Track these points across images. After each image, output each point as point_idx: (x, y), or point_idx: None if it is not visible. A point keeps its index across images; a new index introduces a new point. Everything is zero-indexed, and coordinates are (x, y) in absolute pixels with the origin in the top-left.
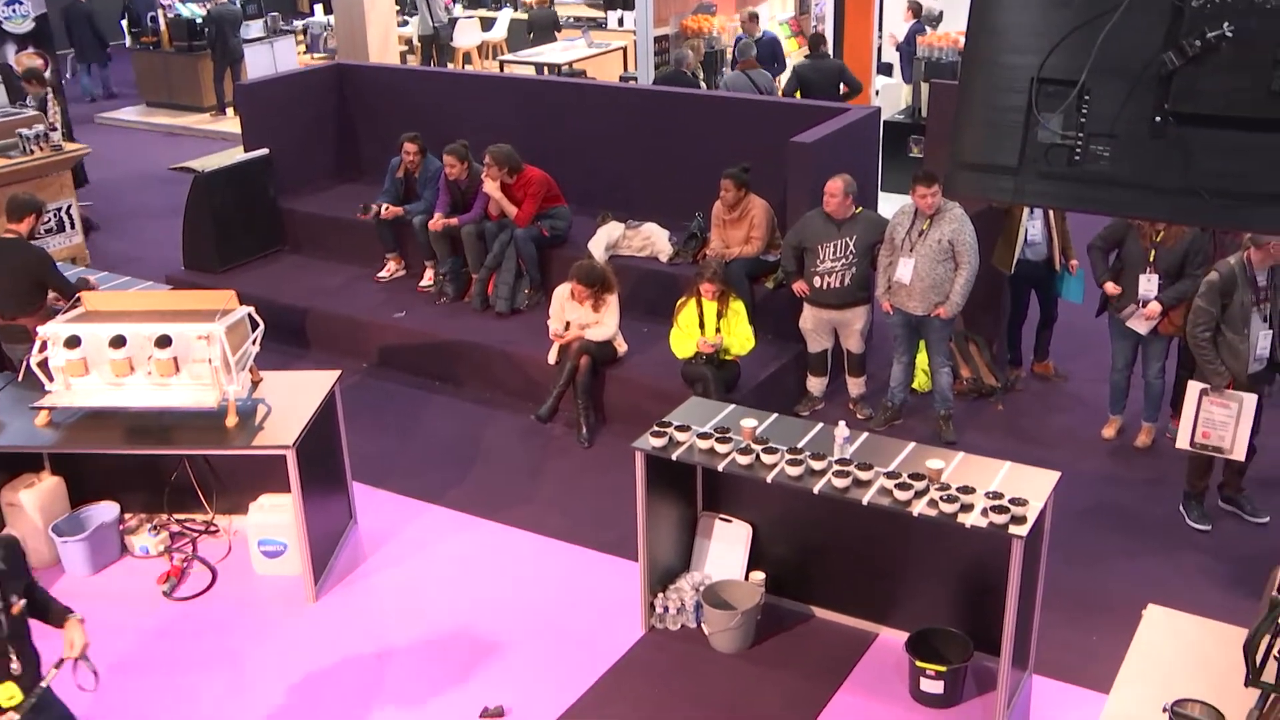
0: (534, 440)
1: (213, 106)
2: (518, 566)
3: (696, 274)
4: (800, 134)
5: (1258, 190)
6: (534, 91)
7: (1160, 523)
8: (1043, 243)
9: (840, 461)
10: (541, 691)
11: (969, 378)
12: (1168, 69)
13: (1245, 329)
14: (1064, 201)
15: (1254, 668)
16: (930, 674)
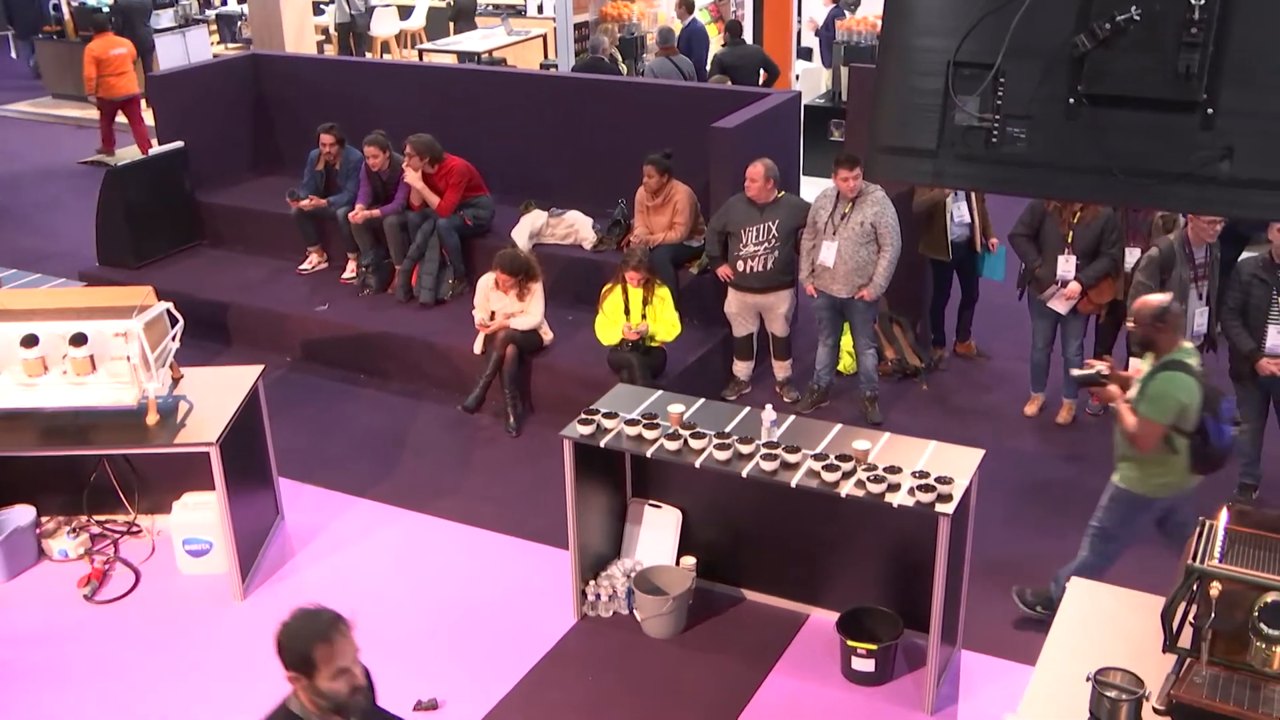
0: (461, 431)
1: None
2: (448, 558)
3: (621, 261)
4: (721, 119)
5: (1167, 169)
6: (454, 80)
7: (1084, 496)
8: (967, 225)
9: (768, 444)
10: (475, 682)
11: (893, 359)
12: (1079, 51)
13: (1183, 304)
14: (982, 183)
15: (1170, 634)
16: (861, 653)
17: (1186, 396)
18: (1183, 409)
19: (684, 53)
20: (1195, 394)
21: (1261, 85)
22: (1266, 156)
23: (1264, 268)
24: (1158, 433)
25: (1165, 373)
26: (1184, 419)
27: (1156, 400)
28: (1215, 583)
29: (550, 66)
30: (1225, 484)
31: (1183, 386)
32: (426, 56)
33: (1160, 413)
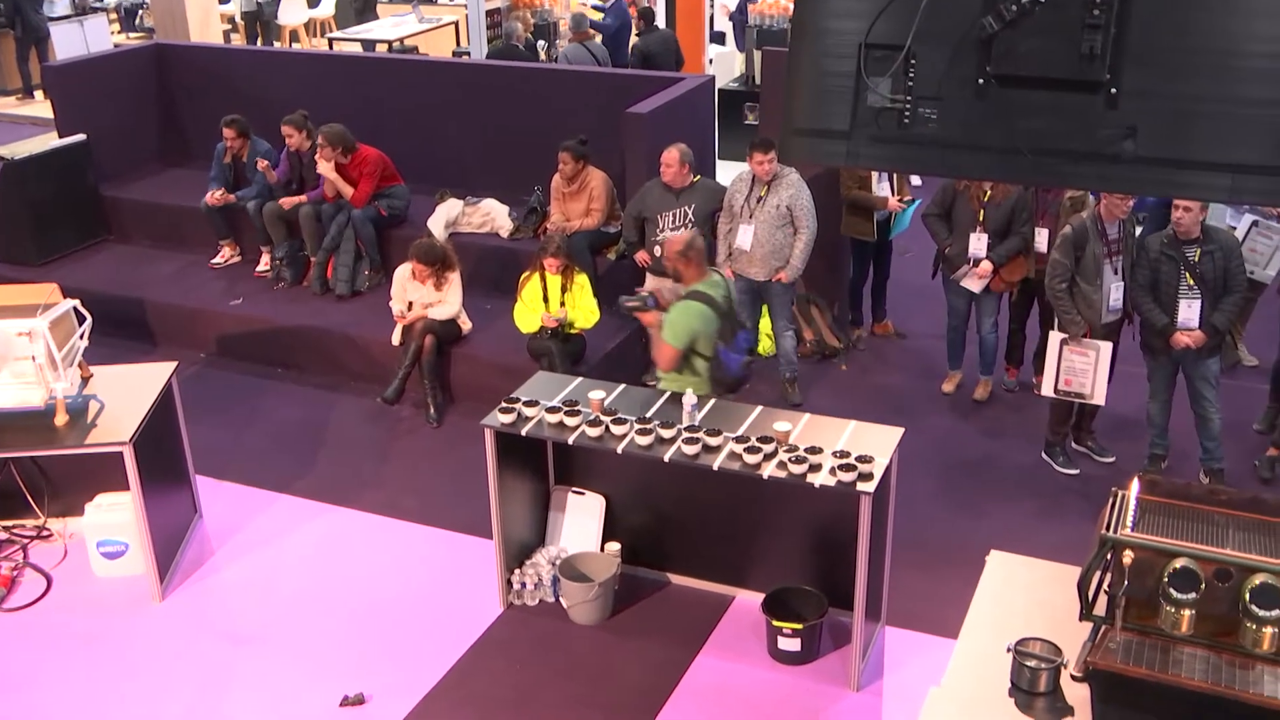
0: (381, 423)
1: (18, 89)
2: (371, 551)
3: (539, 248)
4: (636, 104)
5: (1073, 149)
6: (365, 69)
7: (1002, 470)
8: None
9: (689, 429)
10: (402, 676)
11: (812, 340)
12: (987, 33)
13: (1098, 280)
14: (895, 164)
15: (1086, 603)
16: (787, 633)
17: (700, 324)
18: (695, 334)
19: (609, 37)
20: (709, 322)
21: (1162, 66)
22: (1168, 135)
23: (1170, 244)
24: (672, 354)
25: (684, 302)
26: (700, 344)
27: (672, 326)
28: (1128, 551)
29: (463, 54)
30: (1136, 456)
31: (697, 315)
32: (336, 45)
33: (674, 337)
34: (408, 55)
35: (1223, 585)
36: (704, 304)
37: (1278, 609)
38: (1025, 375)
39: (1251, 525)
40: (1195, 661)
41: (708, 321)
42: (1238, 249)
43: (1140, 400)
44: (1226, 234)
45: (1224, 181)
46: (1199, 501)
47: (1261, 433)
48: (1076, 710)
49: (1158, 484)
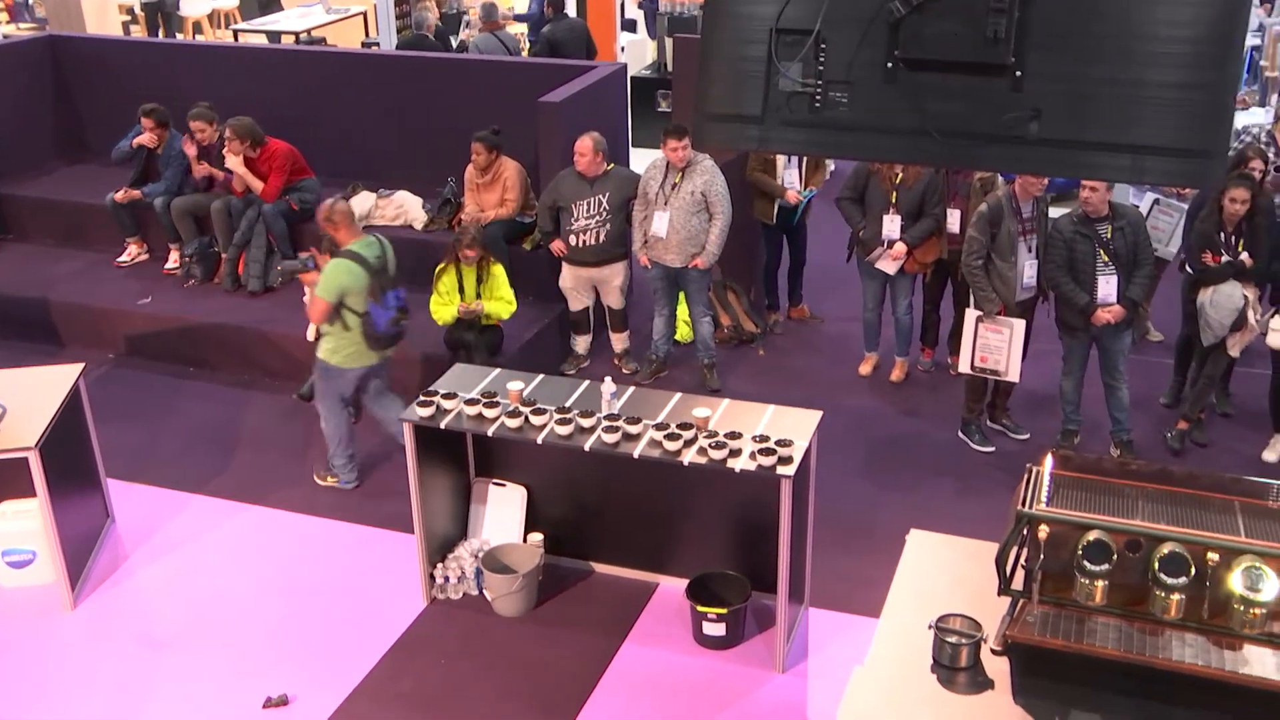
0: (298, 420)
1: None
2: (291, 550)
3: (454, 240)
4: (548, 93)
5: (981, 131)
6: (271, 61)
7: (920, 450)
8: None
9: (609, 417)
10: (325, 675)
11: (729, 325)
12: (895, 17)
13: (1013, 257)
14: (807, 147)
15: (1004, 577)
16: (711, 617)
17: (349, 279)
18: (344, 289)
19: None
20: (358, 279)
21: (1065, 49)
22: (1072, 117)
23: (1081, 223)
24: (323, 308)
25: (335, 259)
26: (351, 299)
27: (323, 280)
28: (1043, 526)
29: (372, 45)
30: (1050, 432)
31: (345, 271)
32: (241, 37)
33: (325, 291)
34: (315, 47)
35: (1133, 556)
36: (354, 261)
37: (1184, 577)
38: (940, 355)
39: (1160, 496)
40: (1109, 631)
41: (356, 278)
42: (1144, 224)
43: (1052, 377)
44: (1133, 210)
45: (1125, 162)
46: (1110, 475)
47: (1168, 406)
48: (997, 683)
49: (1071, 459)
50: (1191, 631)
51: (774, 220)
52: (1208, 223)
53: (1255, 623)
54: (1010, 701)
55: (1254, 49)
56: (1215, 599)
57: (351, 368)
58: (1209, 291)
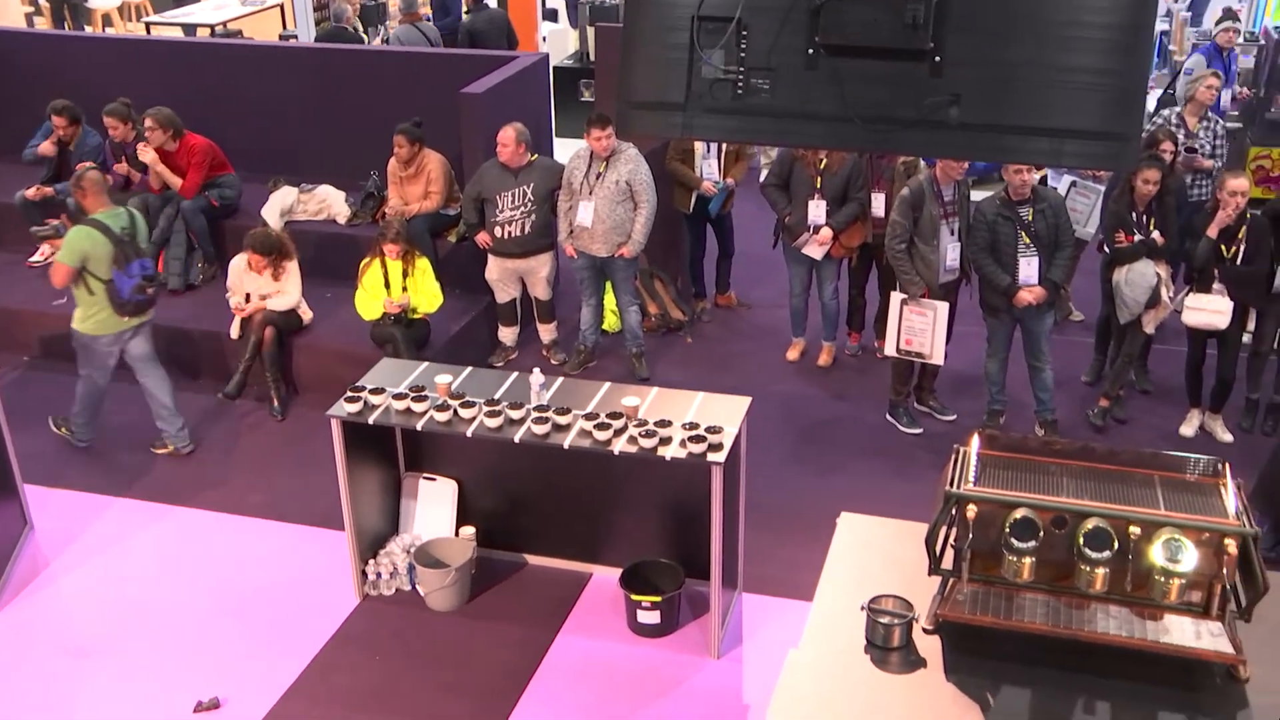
0: (224, 419)
1: None
2: (219, 551)
3: (378, 234)
4: (470, 85)
5: (902, 116)
6: (186, 54)
7: (849, 433)
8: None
9: (538, 408)
10: (257, 676)
11: (657, 314)
12: (815, 3)
13: (935, 240)
14: (730, 134)
15: (934, 557)
16: (646, 605)
17: (89, 245)
18: (85, 255)
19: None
20: (100, 245)
21: (983, 34)
22: (991, 101)
23: (1004, 205)
24: (63, 271)
25: (77, 226)
26: (93, 265)
27: (66, 245)
28: (971, 505)
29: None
30: (975, 412)
31: (86, 237)
32: (154, 30)
33: (65, 256)
34: (232, 40)
35: (1059, 532)
36: (96, 229)
37: (1108, 551)
38: (867, 339)
39: (1083, 473)
40: (1037, 606)
41: (98, 244)
42: (1065, 206)
43: (976, 358)
44: (1053, 193)
45: (1044, 146)
46: (1035, 453)
47: (1089, 384)
48: (929, 661)
49: (996, 439)
50: (1115, 604)
51: (691, 210)
52: (1120, 203)
53: (1175, 593)
54: (943, 679)
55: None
56: (1137, 571)
57: (101, 334)
58: (1123, 270)
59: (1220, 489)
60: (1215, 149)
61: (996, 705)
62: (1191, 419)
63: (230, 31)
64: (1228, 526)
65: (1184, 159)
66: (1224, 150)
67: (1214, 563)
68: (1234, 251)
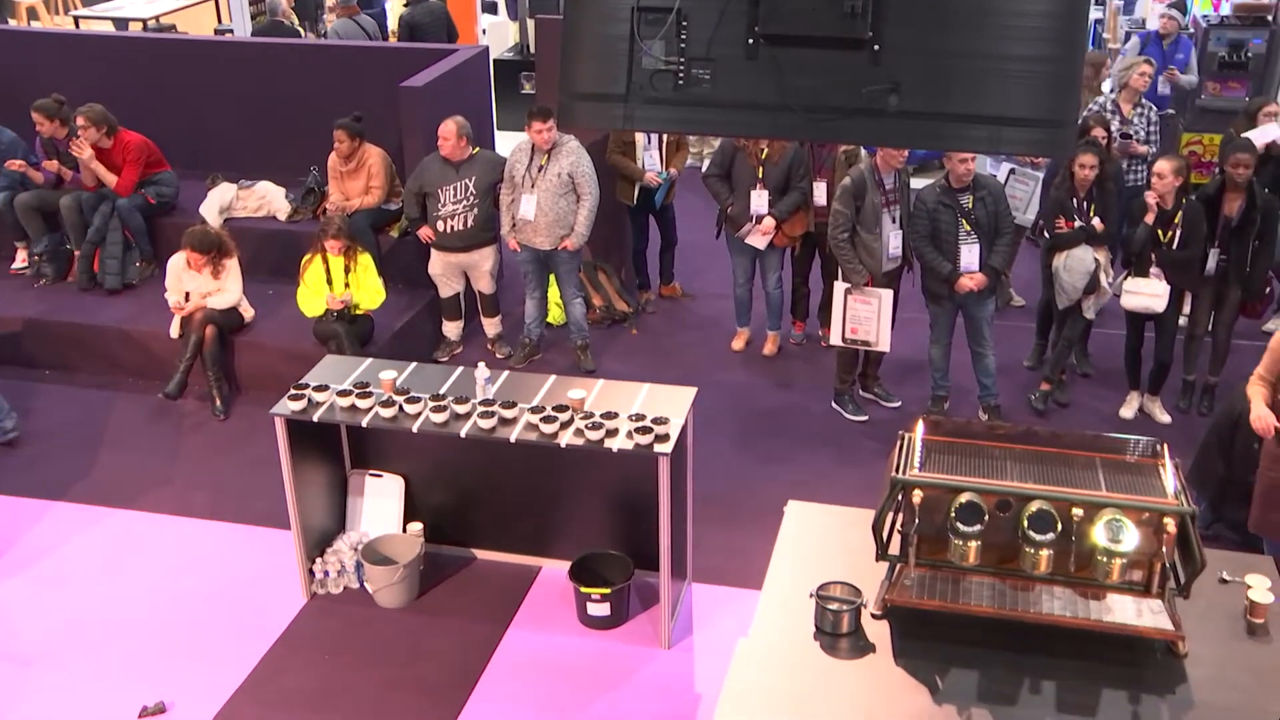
0: (165, 420)
1: None
2: (163, 553)
3: (319, 230)
4: (410, 78)
5: (842, 104)
6: (119, 49)
7: (795, 422)
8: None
9: (484, 402)
10: (204, 679)
11: (601, 306)
12: None
13: (878, 229)
14: (671, 125)
15: (881, 543)
16: (595, 598)
17: None
18: None
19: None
20: None
21: (921, 23)
22: (930, 89)
23: (945, 193)
24: None
25: None
26: None
27: None
28: (917, 491)
29: (225, 32)
30: (920, 399)
31: None
32: (83, 24)
33: None
34: (165, 34)
35: (1003, 515)
36: None
37: (1051, 533)
38: (812, 328)
39: (1026, 457)
40: (983, 589)
41: None
42: (1005, 193)
43: (919, 345)
44: (993, 180)
45: (983, 133)
46: (979, 438)
47: (1031, 368)
48: (878, 646)
49: (941, 424)
50: (1060, 585)
51: (635, 202)
52: (1060, 189)
53: (1117, 572)
54: (892, 664)
55: (1097, 21)
56: (1080, 552)
57: None
58: (1063, 256)
59: (1159, 469)
60: (1150, 135)
61: (945, 687)
62: (1131, 401)
63: (163, 26)
64: (1167, 506)
65: (1119, 145)
66: (1158, 136)
67: (1154, 542)
68: (1170, 236)
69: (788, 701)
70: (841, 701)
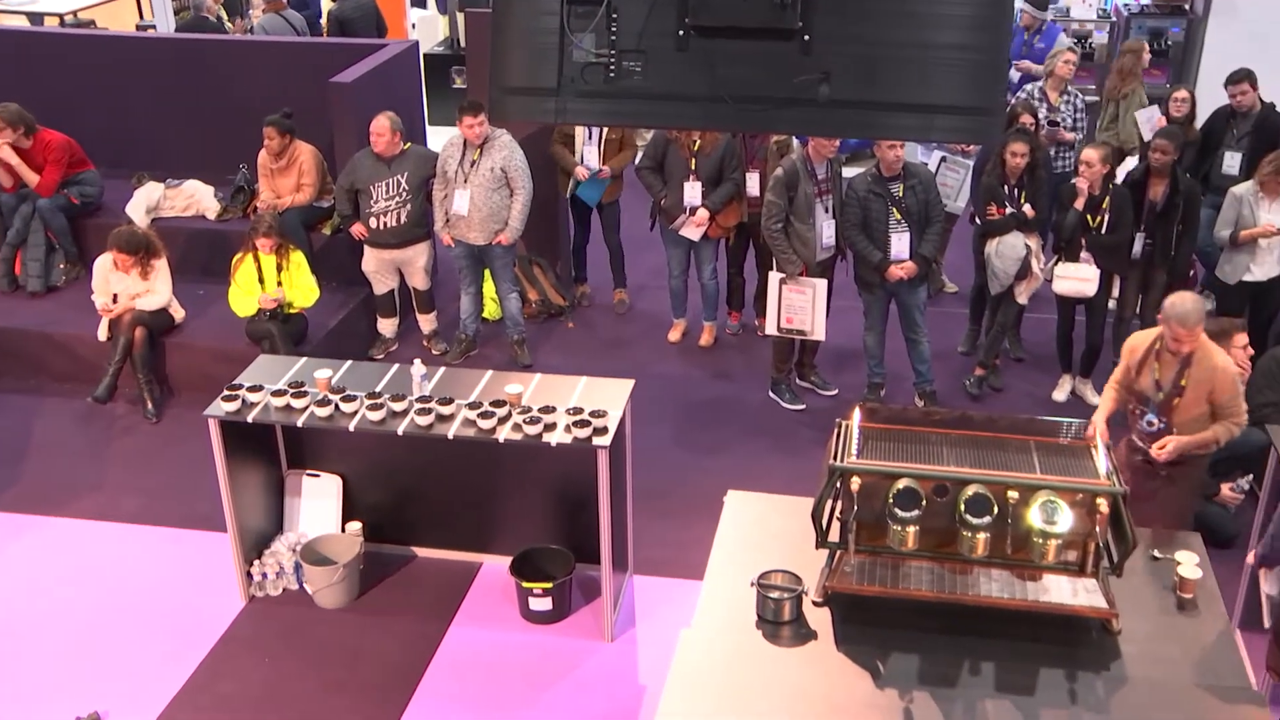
0: (95, 424)
1: None
2: (96, 560)
3: (250, 228)
4: (339, 74)
5: (773, 95)
6: (35, 45)
7: (733, 412)
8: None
9: (421, 399)
10: (139, 687)
11: (537, 300)
12: None
13: (811, 219)
14: (604, 118)
15: (820, 531)
16: (537, 592)
17: None
18: None
19: (299, 8)
20: None
21: (850, 12)
22: (861, 79)
23: (876, 182)
24: None
25: None
26: None
27: None
28: (855, 478)
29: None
30: (856, 386)
31: None
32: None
33: None
34: (84, 30)
35: (941, 500)
36: None
37: (988, 516)
38: (747, 317)
39: (962, 441)
40: (922, 574)
41: None
42: (935, 182)
43: (855, 333)
44: (923, 169)
45: (914, 121)
46: (915, 424)
47: (965, 354)
48: (820, 634)
49: (877, 411)
50: (997, 567)
51: (569, 194)
52: (992, 176)
53: (1052, 553)
54: (834, 650)
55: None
56: (1016, 534)
57: None
58: (995, 242)
59: (1091, 451)
60: (1076, 122)
61: (886, 672)
62: (1063, 384)
63: (82, 21)
64: (1099, 487)
65: (1047, 132)
66: (1084, 123)
67: (1087, 522)
68: (1099, 221)
69: (731, 691)
70: (784, 689)
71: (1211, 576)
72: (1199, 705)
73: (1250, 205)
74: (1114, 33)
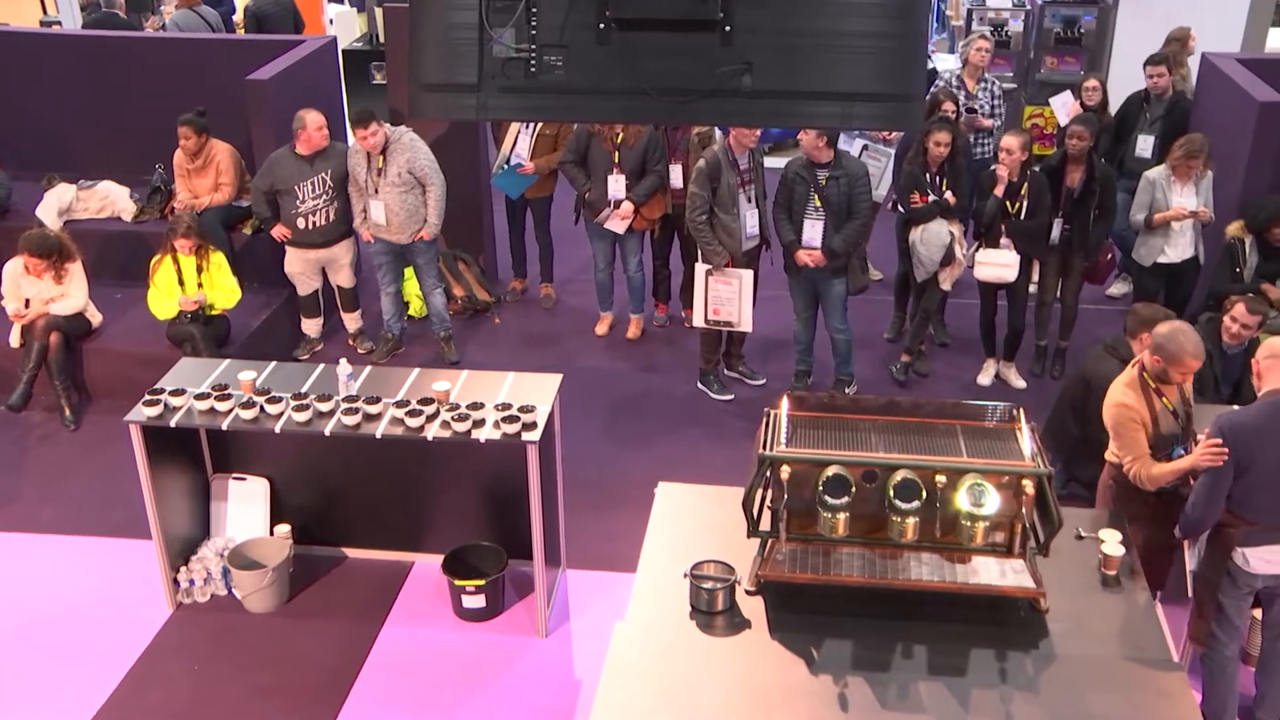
0: (9, 433)
1: None
2: (15, 573)
3: (168, 230)
4: (256, 71)
5: (695, 86)
6: None
7: (662, 404)
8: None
9: (347, 399)
10: (65, 701)
11: (463, 296)
12: None
13: (735, 209)
14: (526, 113)
15: (752, 520)
16: (470, 590)
17: None
18: None
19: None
20: None
21: (771, 3)
22: (781, 69)
23: (804, 167)
24: None
25: None
26: None
27: None
28: (784, 466)
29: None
30: (784, 375)
31: None
32: None
33: None
34: None
35: (870, 486)
36: None
37: (917, 500)
38: (674, 309)
39: (890, 427)
40: (853, 560)
41: None
42: (865, 178)
43: (782, 323)
44: (856, 163)
45: (835, 109)
46: (843, 411)
47: (890, 340)
48: (754, 622)
49: (805, 400)
50: (927, 551)
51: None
52: (914, 164)
53: (980, 535)
54: (768, 638)
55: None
56: (945, 518)
57: None
58: (918, 230)
59: (1016, 433)
60: (994, 109)
61: (820, 658)
62: (988, 368)
63: None
64: (1025, 468)
65: (965, 119)
66: (1002, 110)
67: (1014, 504)
68: (1018, 207)
69: (667, 682)
70: (720, 678)
71: (1134, 553)
72: (1124, 678)
73: (1163, 189)
74: (1029, 20)
